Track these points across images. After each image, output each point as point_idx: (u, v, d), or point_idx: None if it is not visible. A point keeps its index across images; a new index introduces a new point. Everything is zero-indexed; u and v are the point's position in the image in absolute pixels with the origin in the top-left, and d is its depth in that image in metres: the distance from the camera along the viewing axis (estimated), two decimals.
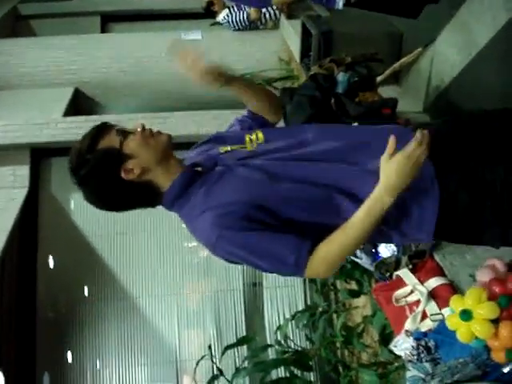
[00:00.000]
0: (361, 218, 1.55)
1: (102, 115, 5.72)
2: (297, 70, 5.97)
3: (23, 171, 4.78)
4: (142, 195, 1.74)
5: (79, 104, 6.25)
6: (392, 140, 1.53)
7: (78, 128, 4.52)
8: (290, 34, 5.90)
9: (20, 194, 4.66)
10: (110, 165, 1.68)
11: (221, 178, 1.70)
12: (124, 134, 1.72)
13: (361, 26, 4.46)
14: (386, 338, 2.84)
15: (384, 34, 4.41)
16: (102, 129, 1.74)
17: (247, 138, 1.84)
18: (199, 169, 1.77)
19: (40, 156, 4.98)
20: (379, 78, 3.73)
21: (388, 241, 1.97)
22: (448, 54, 3.60)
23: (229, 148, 1.81)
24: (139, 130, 1.73)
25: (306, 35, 4.74)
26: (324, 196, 1.65)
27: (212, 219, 1.62)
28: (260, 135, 1.84)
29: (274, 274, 1.78)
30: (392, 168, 1.52)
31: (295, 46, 5.46)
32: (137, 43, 6.55)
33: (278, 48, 6.43)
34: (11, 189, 4.68)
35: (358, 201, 1.61)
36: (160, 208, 1.82)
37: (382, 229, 1.64)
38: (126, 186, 1.70)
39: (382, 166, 1.54)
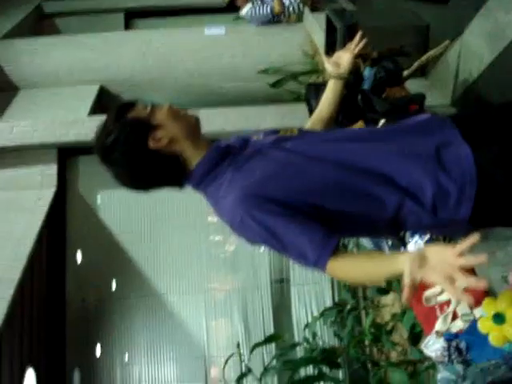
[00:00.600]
0: (383, 266, 1.50)
1: None
2: (322, 64, 5.92)
3: (51, 171, 4.81)
4: (170, 167, 1.72)
5: (104, 102, 6.27)
6: (472, 241, 1.34)
7: None
8: (314, 27, 5.86)
9: (48, 194, 4.69)
10: (138, 133, 1.67)
11: (251, 158, 1.69)
12: (152, 104, 1.73)
13: (387, 18, 4.42)
14: (415, 336, 2.81)
15: (410, 27, 4.35)
16: (127, 104, 1.75)
17: (281, 131, 1.86)
18: (229, 150, 1.77)
19: (67, 155, 5.02)
20: (406, 72, 3.68)
21: (421, 226, 1.93)
22: (476, 46, 3.54)
23: (261, 136, 1.83)
24: (167, 105, 1.73)
25: (330, 29, 4.70)
26: (356, 180, 1.63)
27: (240, 198, 1.60)
28: (295, 131, 1.86)
29: (301, 271, 1.79)
30: (435, 257, 1.37)
31: (320, 40, 5.42)
32: (161, 40, 6.55)
33: (302, 41, 6.38)
34: (39, 189, 4.72)
35: (392, 185, 1.60)
36: (187, 204, 1.83)
37: (418, 213, 1.62)
38: (153, 156, 1.68)
39: (433, 246, 1.42)
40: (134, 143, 1.67)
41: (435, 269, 1.33)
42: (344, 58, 2.09)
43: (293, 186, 1.61)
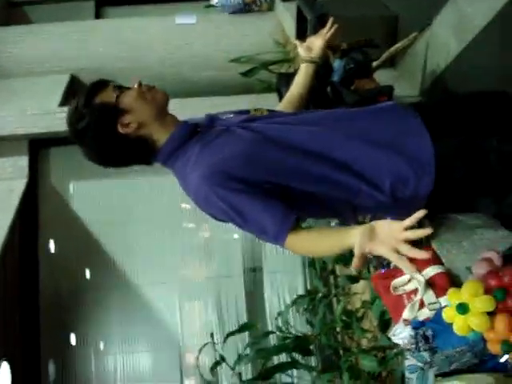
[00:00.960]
0: (337, 241, 1.61)
1: None
2: (293, 53, 5.94)
3: (22, 162, 4.77)
4: (139, 149, 1.79)
5: (76, 91, 6.21)
6: (416, 217, 1.51)
7: None
8: (286, 16, 5.87)
9: (19, 185, 4.67)
10: (107, 119, 1.72)
11: (219, 136, 1.74)
12: (120, 89, 1.75)
13: (356, 9, 4.45)
14: (385, 323, 2.87)
15: (380, 18, 4.39)
16: (98, 84, 1.78)
17: (252, 111, 1.91)
18: (198, 129, 1.82)
19: (38, 146, 4.99)
20: (375, 63, 3.72)
21: (381, 210, 2.01)
22: (444, 38, 3.59)
23: (231, 115, 1.87)
24: (136, 85, 1.77)
25: (301, 19, 4.71)
26: (312, 164, 1.69)
27: (205, 175, 1.65)
28: (265, 111, 1.91)
29: (274, 259, 1.84)
30: (383, 231, 1.52)
31: (291, 30, 5.43)
32: (132, 29, 6.50)
33: (273, 30, 6.38)
34: (10, 180, 4.69)
35: (350, 171, 1.65)
36: (160, 193, 1.87)
37: (377, 196, 1.68)
38: (122, 140, 1.74)
39: (381, 222, 1.56)
40: (103, 128, 1.74)
41: (383, 242, 1.48)
42: (316, 43, 2.20)
43: (257, 166, 1.67)
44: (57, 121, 4.63)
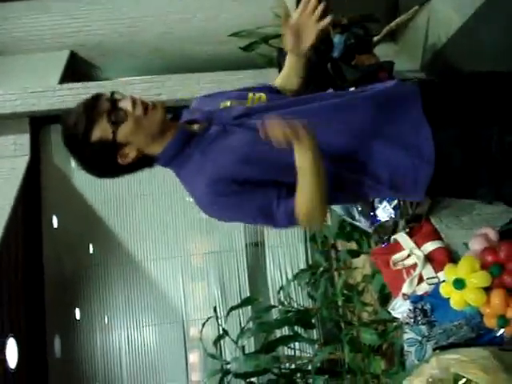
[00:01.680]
0: (301, 174, 1.61)
1: (99, 82, 5.69)
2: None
3: (23, 140, 4.81)
4: (138, 166, 1.77)
5: (75, 67, 6.20)
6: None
7: (75, 95, 4.53)
8: None
9: (22, 163, 4.69)
10: (106, 155, 1.69)
11: (215, 140, 1.72)
12: (115, 121, 1.67)
13: None
14: (384, 298, 2.91)
15: None
16: (93, 112, 1.68)
17: (250, 96, 1.84)
18: (195, 127, 1.78)
19: (40, 124, 5.00)
20: (376, 38, 3.71)
21: (381, 195, 2.02)
22: (444, 12, 3.57)
23: (228, 103, 1.81)
24: (130, 109, 1.68)
25: None
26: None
27: (206, 184, 1.66)
28: (263, 97, 1.84)
29: (275, 234, 1.84)
30: None
31: (291, 4, 5.39)
32: (131, 3, 6.45)
33: (273, 3, 6.33)
34: (13, 158, 4.71)
35: (350, 163, 1.67)
36: (160, 170, 1.87)
37: (378, 187, 1.69)
38: (122, 167, 1.73)
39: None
40: (103, 162, 1.73)
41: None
42: (308, 32, 1.85)
43: (257, 166, 1.66)
44: (57, 98, 4.65)
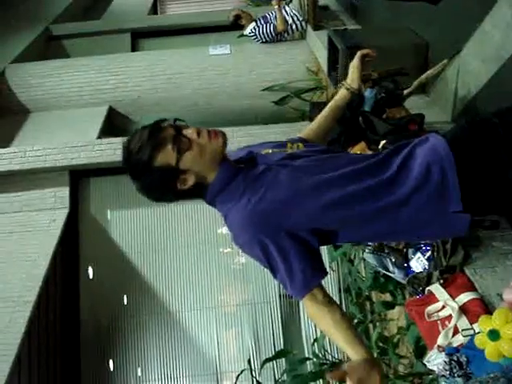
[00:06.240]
0: (344, 342, 1.66)
1: None
2: (325, 81, 6.02)
3: (63, 192, 4.94)
4: (195, 193, 1.82)
5: (114, 122, 6.41)
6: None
7: (114, 150, 4.68)
8: (317, 45, 5.97)
9: (61, 215, 4.81)
10: (167, 181, 1.75)
11: (261, 176, 1.76)
12: (179, 148, 1.72)
13: (387, 38, 4.51)
14: (420, 350, 2.89)
15: (410, 46, 4.44)
16: (158, 138, 1.73)
17: (289, 145, 1.95)
18: (241, 165, 1.83)
19: (78, 176, 5.15)
20: (406, 91, 3.78)
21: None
22: (473, 65, 3.63)
23: (270, 151, 1.89)
24: (195, 137, 1.74)
25: (332, 48, 4.80)
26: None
27: (247, 221, 1.71)
28: (301, 145, 1.95)
29: None
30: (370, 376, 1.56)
31: (322, 59, 5.52)
32: (167, 60, 6.69)
33: (305, 58, 6.50)
34: (53, 210, 4.84)
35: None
36: (196, 220, 1.93)
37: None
38: (179, 192, 1.79)
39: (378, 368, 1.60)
40: (163, 187, 1.78)
41: (365, 381, 1.52)
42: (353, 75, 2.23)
43: (301, 206, 1.72)
44: (96, 153, 4.80)
